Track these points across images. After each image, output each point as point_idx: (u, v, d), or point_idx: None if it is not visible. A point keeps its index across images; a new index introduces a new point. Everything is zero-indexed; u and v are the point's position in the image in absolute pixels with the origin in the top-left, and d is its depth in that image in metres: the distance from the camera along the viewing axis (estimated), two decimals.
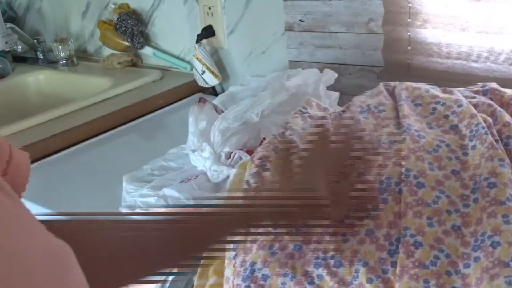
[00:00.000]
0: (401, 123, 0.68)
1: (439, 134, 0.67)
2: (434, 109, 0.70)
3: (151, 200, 0.95)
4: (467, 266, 0.55)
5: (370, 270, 0.57)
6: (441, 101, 0.70)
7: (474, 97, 0.73)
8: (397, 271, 0.56)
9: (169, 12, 1.50)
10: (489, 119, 0.66)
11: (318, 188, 0.53)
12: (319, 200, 0.54)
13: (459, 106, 0.69)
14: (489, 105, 0.70)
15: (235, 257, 0.64)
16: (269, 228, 0.58)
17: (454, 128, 0.67)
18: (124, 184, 1.00)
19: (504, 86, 0.79)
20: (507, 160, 0.60)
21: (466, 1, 1.05)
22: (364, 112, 0.72)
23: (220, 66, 1.40)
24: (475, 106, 0.70)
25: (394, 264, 0.57)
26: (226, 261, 0.65)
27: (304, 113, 0.78)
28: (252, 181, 0.68)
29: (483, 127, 0.64)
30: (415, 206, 0.59)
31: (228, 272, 0.64)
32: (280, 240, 0.63)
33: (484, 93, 0.75)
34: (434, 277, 0.55)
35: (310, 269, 0.60)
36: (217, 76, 1.37)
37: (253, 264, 0.62)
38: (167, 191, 0.95)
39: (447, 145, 0.65)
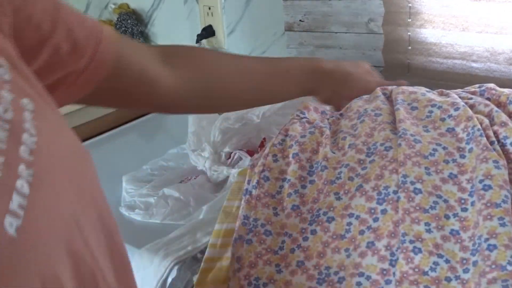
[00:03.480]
0: (397, 128, 0.68)
1: (435, 137, 0.67)
2: (431, 112, 0.70)
3: (151, 200, 0.95)
4: (466, 271, 0.55)
5: (373, 284, 0.57)
6: (437, 104, 0.70)
7: (471, 98, 0.73)
8: (397, 277, 0.56)
9: (169, 12, 1.50)
10: (486, 120, 0.66)
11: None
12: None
13: (456, 109, 0.68)
14: (486, 105, 0.70)
15: (239, 270, 0.64)
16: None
17: (451, 131, 0.67)
18: (123, 184, 1.00)
19: (504, 86, 0.79)
20: (502, 161, 0.60)
21: (466, 1, 1.05)
22: (361, 116, 0.72)
23: None
24: (472, 106, 0.70)
25: (396, 274, 0.57)
26: (231, 273, 0.65)
27: (302, 118, 0.77)
28: (254, 192, 0.68)
29: (478, 129, 0.64)
30: (413, 212, 0.59)
31: (232, 284, 0.64)
32: (285, 259, 0.63)
33: (481, 93, 0.75)
34: (433, 283, 0.55)
35: (313, 284, 0.60)
36: None
37: (257, 279, 0.62)
38: (166, 191, 0.95)
39: (444, 148, 0.64)
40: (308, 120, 0.76)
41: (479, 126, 0.64)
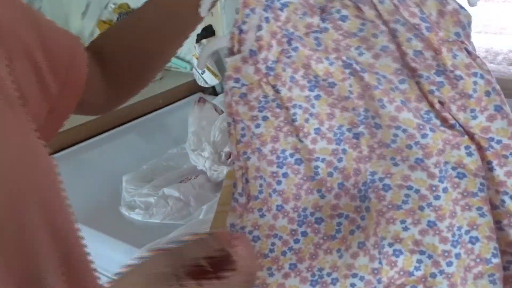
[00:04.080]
0: (356, 108, 0.60)
1: (393, 116, 0.59)
2: (379, 80, 0.59)
3: (151, 200, 0.96)
4: (449, 264, 0.54)
5: (367, 284, 0.57)
6: (381, 73, 0.58)
7: (423, 75, 0.59)
8: (384, 283, 0.56)
9: None
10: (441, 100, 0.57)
11: None
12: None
13: (401, 82, 0.58)
14: (454, 81, 0.59)
15: None
16: None
17: (404, 104, 0.58)
18: (124, 184, 1.01)
19: (503, 87, 0.78)
20: (473, 146, 0.56)
21: (465, 1, 1.05)
22: (314, 87, 0.63)
23: (220, 66, 1.40)
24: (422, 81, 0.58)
25: (383, 281, 0.57)
26: None
27: (240, 87, 0.64)
28: (241, 200, 0.66)
29: (435, 116, 0.57)
30: (387, 212, 0.57)
31: None
32: (277, 262, 0.62)
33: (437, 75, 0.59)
34: (420, 282, 0.54)
35: (307, 287, 0.60)
36: (217, 76, 1.37)
37: None
38: (166, 191, 0.96)
39: (404, 130, 0.59)
40: (249, 86, 0.65)
41: (433, 113, 0.57)
